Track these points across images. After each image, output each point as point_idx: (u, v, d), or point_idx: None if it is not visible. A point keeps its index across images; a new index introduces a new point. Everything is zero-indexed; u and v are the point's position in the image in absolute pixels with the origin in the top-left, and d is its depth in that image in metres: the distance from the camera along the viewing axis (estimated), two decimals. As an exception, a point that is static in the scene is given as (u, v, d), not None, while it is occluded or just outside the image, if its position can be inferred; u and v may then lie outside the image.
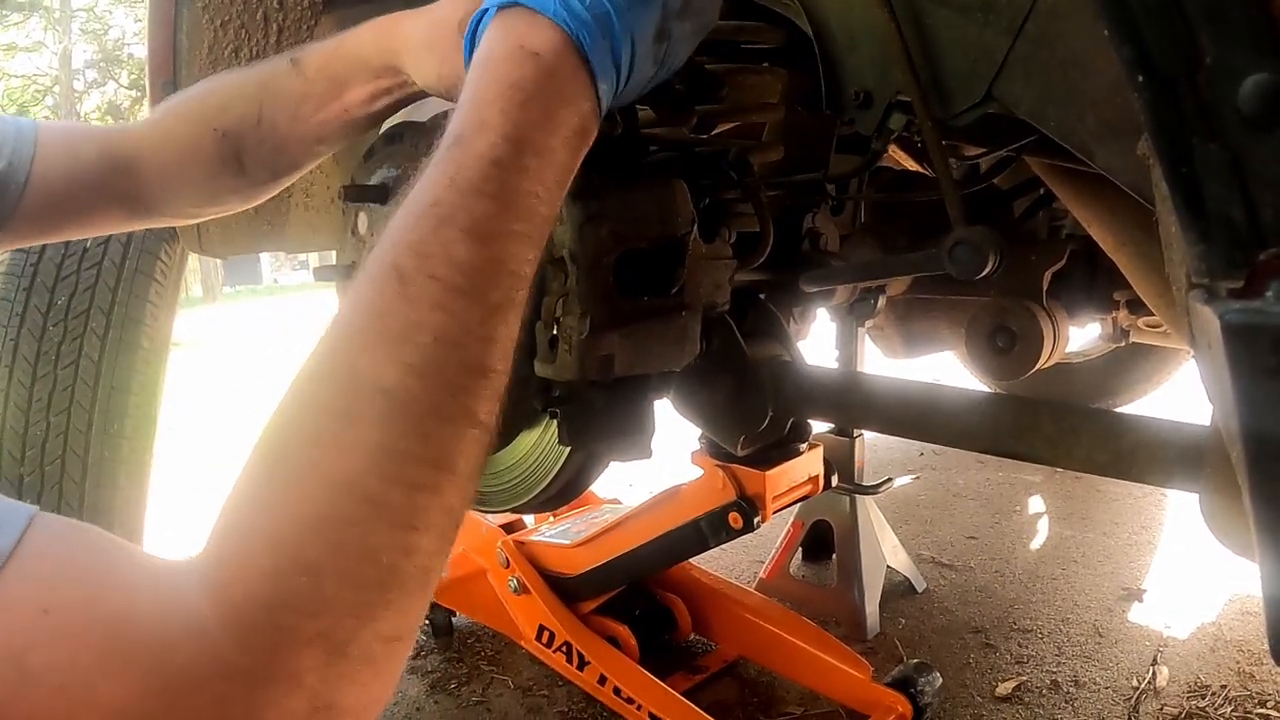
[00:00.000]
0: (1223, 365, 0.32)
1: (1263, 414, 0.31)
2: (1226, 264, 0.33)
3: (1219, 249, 0.33)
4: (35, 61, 17.78)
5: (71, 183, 0.78)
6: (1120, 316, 1.73)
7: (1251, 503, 0.34)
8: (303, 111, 0.76)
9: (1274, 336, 0.30)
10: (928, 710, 1.51)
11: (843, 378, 1.08)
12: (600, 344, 0.70)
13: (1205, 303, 0.33)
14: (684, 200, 0.77)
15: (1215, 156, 0.32)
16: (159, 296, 2.01)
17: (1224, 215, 0.33)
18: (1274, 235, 0.32)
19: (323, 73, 0.75)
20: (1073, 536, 2.36)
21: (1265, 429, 0.31)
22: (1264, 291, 0.31)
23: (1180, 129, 0.33)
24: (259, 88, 0.78)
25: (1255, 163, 0.32)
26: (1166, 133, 0.33)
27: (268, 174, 0.83)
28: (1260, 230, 0.32)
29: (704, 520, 1.33)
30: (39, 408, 1.84)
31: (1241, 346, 0.31)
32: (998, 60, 0.82)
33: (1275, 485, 0.32)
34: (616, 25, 0.53)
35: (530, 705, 1.67)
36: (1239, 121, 0.32)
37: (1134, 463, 0.92)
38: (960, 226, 0.89)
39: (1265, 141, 0.32)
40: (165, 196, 0.82)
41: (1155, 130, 0.33)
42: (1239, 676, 1.68)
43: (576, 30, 0.51)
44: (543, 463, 0.90)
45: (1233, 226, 0.32)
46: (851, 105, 0.93)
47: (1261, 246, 0.32)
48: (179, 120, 0.82)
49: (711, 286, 0.82)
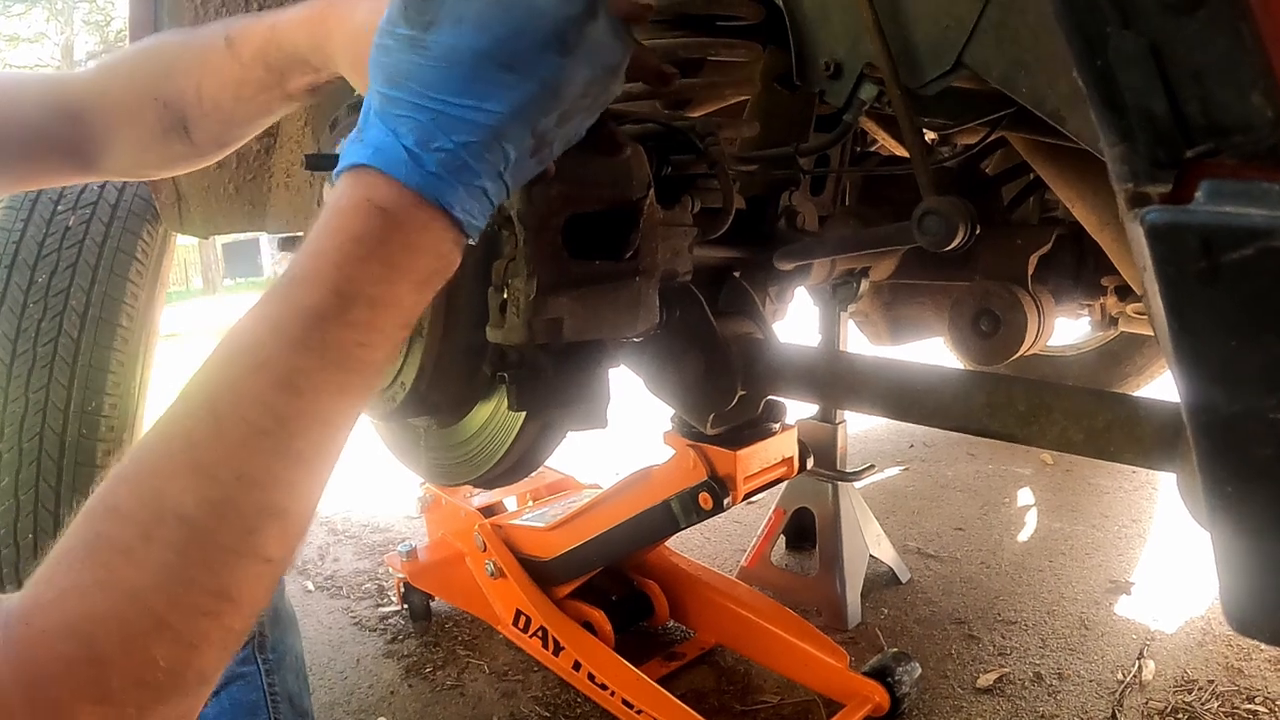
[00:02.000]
0: (1155, 283, 0.29)
1: (1194, 323, 0.29)
2: (1152, 164, 0.30)
3: (1142, 148, 0.30)
4: (38, 52, 17.78)
5: (10, 126, 0.76)
6: (1109, 303, 1.70)
7: (1192, 430, 0.31)
8: (244, 92, 0.75)
9: (1202, 237, 0.27)
10: (905, 700, 1.49)
11: (814, 355, 1.06)
12: (549, 307, 0.68)
13: (1134, 215, 0.30)
14: (639, 164, 0.75)
15: (1131, 44, 0.29)
16: (140, 276, 2.00)
17: (1145, 110, 0.30)
18: (1202, 131, 0.29)
19: (259, 60, 0.73)
20: (1061, 529, 2.34)
21: (1198, 341, 0.29)
22: (1194, 194, 0.29)
23: (1092, 15, 0.30)
24: (198, 63, 0.76)
25: (1176, 50, 0.29)
26: (1077, 19, 0.30)
27: (215, 144, 0.83)
28: (1185, 125, 0.30)
29: (675, 501, 1.31)
30: (18, 384, 1.82)
31: (1167, 250, 0.28)
32: (968, 26, 0.80)
33: (1212, 407, 0.30)
34: (477, 167, 0.51)
35: (505, 690, 1.65)
36: (1157, 5, 0.29)
37: (1109, 441, 0.90)
38: (930, 196, 0.87)
39: (1186, 26, 0.29)
40: (111, 153, 0.81)
41: (1065, 17, 0.30)
42: (1227, 671, 1.66)
43: (430, 189, 0.50)
44: (498, 433, 0.88)
45: (1155, 123, 0.30)
46: (822, 76, 0.92)
47: (1189, 144, 0.29)
48: (120, 83, 0.80)
49: (669, 253, 0.80)
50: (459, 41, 0.50)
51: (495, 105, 0.51)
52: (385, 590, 2.08)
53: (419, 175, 0.49)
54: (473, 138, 0.50)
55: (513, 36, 0.51)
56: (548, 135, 0.54)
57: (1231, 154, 0.29)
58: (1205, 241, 0.27)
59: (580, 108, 0.56)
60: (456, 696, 1.64)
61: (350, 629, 1.92)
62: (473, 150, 0.50)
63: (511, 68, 0.51)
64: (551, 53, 0.52)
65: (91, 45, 17.42)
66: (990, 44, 0.79)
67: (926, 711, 1.54)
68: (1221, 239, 0.27)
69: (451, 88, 0.50)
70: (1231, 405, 0.31)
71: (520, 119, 0.52)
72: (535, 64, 0.51)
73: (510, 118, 0.51)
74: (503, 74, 0.51)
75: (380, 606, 2.02)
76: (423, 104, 0.50)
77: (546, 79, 0.52)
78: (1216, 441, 0.33)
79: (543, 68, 0.52)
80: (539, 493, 2.00)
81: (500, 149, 0.51)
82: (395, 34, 0.52)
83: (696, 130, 0.89)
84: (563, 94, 0.53)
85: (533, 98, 0.52)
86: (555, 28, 0.52)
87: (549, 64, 0.52)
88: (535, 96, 0.52)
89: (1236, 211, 0.27)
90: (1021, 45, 0.77)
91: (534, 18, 0.51)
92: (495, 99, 0.51)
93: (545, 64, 0.52)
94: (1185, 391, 0.32)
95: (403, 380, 0.83)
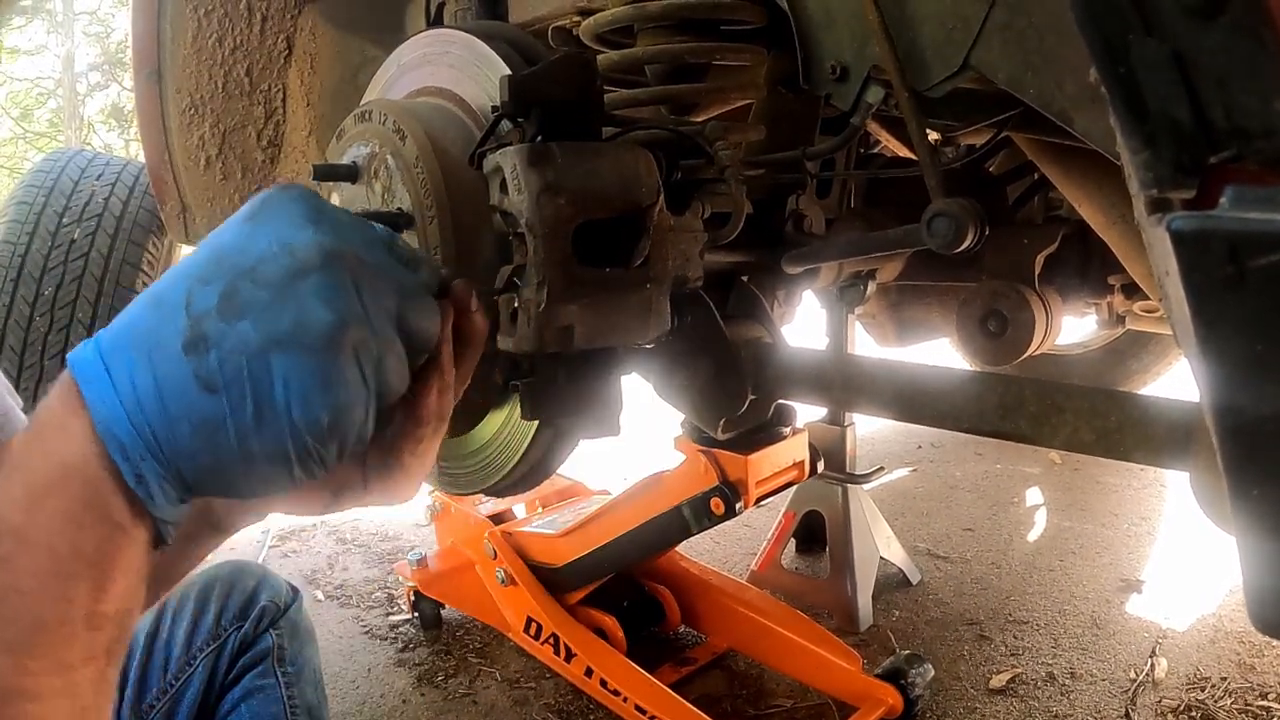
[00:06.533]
0: (1180, 289, 0.29)
1: (1220, 327, 0.28)
2: (1175, 170, 0.30)
3: (1165, 154, 0.30)
4: (38, 65, 17.83)
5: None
6: (1115, 301, 1.70)
7: (1216, 434, 0.31)
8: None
9: (1229, 243, 0.27)
10: (919, 702, 1.49)
11: (824, 358, 1.05)
12: (560, 315, 0.68)
13: (1157, 220, 0.30)
14: (649, 170, 0.75)
15: (1154, 51, 0.29)
16: (145, 288, 2.01)
17: (1168, 116, 0.30)
18: (1225, 137, 0.29)
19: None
20: (1071, 528, 2.34)
21: (1224, 345, 0.29)
22: (1218, 200, 0.29)
23: (1114, 22, 0.30)
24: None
25: (1199, 56, 0.29)
26: (1099, 27, 0.30)
27: None
28: (1210, 131, 0.29)
29: (686, 506, 1.31)
30: (25, 399, 1.82)
31: (1193, 255, 0.28)
32: (975, 28, 0.80)
33: (1239, 410, 0.29)
34: (122, 342, 0.43)
35: (517, 697, 1.65)
36: (1179, 10, 0.29)
37: (1121, 441, 0.90)
38: (938, 199, 0.87)
39: (1209, 31, 0.29)
40: None
41: (1087, 24, 0.30)
42: (1239, 668, 1.65)
43: (71, 360, 0.43)
44: (510, 442, 0.88)
45: (1179, 129, 0.30)
46: (828, 79, 0.92)
47: (1212, 150, 0.29)
48: None
49: (680, 259, 0.79)
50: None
51: (165, 278, 0.45)
52: (395, 599, 2.08)
53: (75, 354, 0.43)
54: (132, 309, 0.44)
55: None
56: (203, 324, 0.43)
57: (1255, 159, 0.29)
58: (1232, 247, 0.27)
59: (252, 300, 0.44)
60: (469, 704, 1.64)
61: (361, 638, 1.92)
62: (126, 321, 0.44)
63: (207, 241, 0.46)
64: (236, 220, 0.47)
65: (92, 57, 17.46)
66: (997, 45, 0.79)
67: (940, 713, 1.54)
68: (1248, 244, 0.27)
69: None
70: (1259, 409, 0.31)
71: (173, 281, 0.45)
72: (219, 232, 0.47)
73: (163, 282, 0.45)
74: (201, 247, 0.46)
75: (390, 615, 2.02)
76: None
77: (216, 242, 0.46)
78: (1243, 445, 0.33)
79: (223, 233, 0.46)
80: (549, 499, 2.00)
81: (149, 319, 0.44)
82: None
83: (705, 135, 0.89)
84: (226, 259, 0.45)
85: (195, 259, 0.46)
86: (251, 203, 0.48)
87: (228, 228, 0.47)
88: (198, 258, 0.46)
89: (1263, 217, 0.27)
90: (1028, 46, 0.77)
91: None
92: (171, 273, 0.46)
93: (226, 229, 0.47)
94: (1210, 395, 0.32)
95: (414, 390, 0.83)
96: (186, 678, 0.89)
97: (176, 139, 1.63)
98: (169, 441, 0.42)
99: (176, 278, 0.44)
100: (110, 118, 17.77)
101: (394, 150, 0.80)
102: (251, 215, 0.46)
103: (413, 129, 0.79)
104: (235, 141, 1.67)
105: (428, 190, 0.77)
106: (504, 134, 0.72)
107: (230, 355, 0.42)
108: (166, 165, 1.65)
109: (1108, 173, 1.12)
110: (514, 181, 0.67)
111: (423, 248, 0.78)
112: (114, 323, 0.44)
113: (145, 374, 0.42)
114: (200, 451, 0.43)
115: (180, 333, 0.42)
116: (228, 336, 0.42)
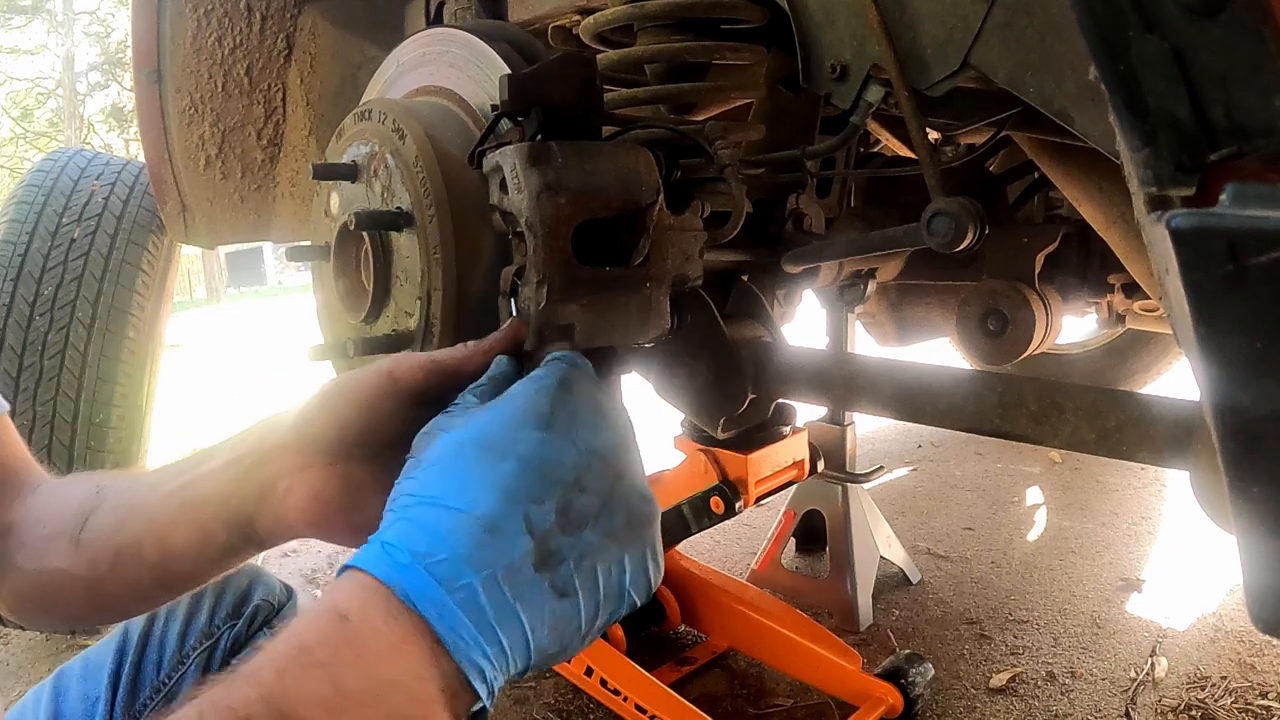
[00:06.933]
0: (1179, 287, 0.29)
1: (1220, 325, 0.28)
2: (1175, 169, 0.30)
3: (1166, 152, 0.30)
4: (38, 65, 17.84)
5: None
6: (1115, 300, 1.70)
7: (1217, 432, 0.31)
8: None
9: (1229, 241, 0.27)
10: (919, 701, 1.49)
11: (825, 357, 1.05)
12: (559, 314, 0.68)
13: (1156, 218, 0.30)
14: (648, 170, 0.75)
15: (1154, 49, 0.29)
16: (146, 288, 2.00)
17: (1168, 114, 0.30)
18: (1225, 135, 0.29)
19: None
20: (1071, 527, 2.34)
21: (1224, 343, 0.29)
22: (1218, 198, 0.29)
23: (1114, 20, 0.30)
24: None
25: (1199, 54, 0.29)
26: (1099, 25, 0.30)
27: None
28: (1210, 130, 0.29)
29: (686, 505, 1.31)
30: (25, 398, 1.83)
31: (1192, 253, 0.28)
32: (975, 27, 0.80)
33: (1239, 409, 0.29)
34: (463, 568, 0.44)
35: (517, 696, 1.65)
36: (1178, 9, 0.29)
37: (1122, 440, 0.90)
38: (938, 198, 0.87)
39: (1208, 30, 0.29)
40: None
41: (1087, 23, 0.30)
42: (1239, 667, 1.65)
43: (402, 586, 0.43)
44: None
45: (1179, 126, 0.30)
46: (828, 79, 0.92)
47: (1212, 148, 0.29)
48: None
49: (680, 258, 0.79)
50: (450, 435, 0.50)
51: (475, 490, 0.47)
52: (395, 598, 2.07)
53: (388, 565, 0.44)
54: (455, 527, 0.45)
55: (491, 420, 0.50)
56: (550, 541, 0.47)
57: (1255, 157, 0.29)
58: (1231, 245, 0.27)
59: (587, 509, 0.49)
60: (469, 704, 1.64)
61: (361, 637, 1.92)
62: (457, 543, 0.45)
63: (489, 447, 0.48)
64: (529, 428, 0.49)
65: (92, 57, 17.46)
66: (996, 44, 0.79)
67: (940, 713, 1.54)
68: (1248, 242, 0.27)
69: (433, 480, 0.48)
70: (1259, 407, 0.31)
71: (506, 505, 0.46)
72: (512, 441, 0.49)
73: (493, 504, 0.46)
74: (480, 453, 0.48)
75: (390, 614, 2.01)
76: (410, 502, 0.47)
77: (524, 455, 0.48)
78: (1243, 443, 0.33)
79: (520, 444, 0.49)
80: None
81: (491, 544, 0.45)
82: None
83: (705, 134, 0.89)
84: (549, 475, 0.48)
85: (514, 475, 0.47)
86: (527, 403, 0.51)
87: (526, 439, 0.49)
88: (515, 473, 0.47)
89: (1262, 215, 0.27)
90: (1028, 45, 0.77)
91: (507, 400, 0.52)
92: (475, 483, 0.47)
93: (522, 440, 0.49)
94: (1210, 394, 0.32)
95: (415, 390, 0.83)
96: (179, 676, 0.89)
97: (176, 138, 1.63)
98: (524, 648, 0.46)
99: (505, 499, 0.47)
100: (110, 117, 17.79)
101: (394, 149, 0.80)
102: (547, 424, 0.50)
103: (412, 128, 0.79)
104: (235, 141, 1.67)
105: (427, 189, 0.77)
106: (504, 133, 0.72)
107: (582, 561, 0.48)
108: (166, 165, 1.65)
109: (1108, 171, 1.12)
110: (514, 181, 0.67)
111: (423, 248, 0.78)
112: (429, 544, 0.45)
113: (503, 599, 0.45)
114: (551, 645, 0.47)
115: (529, 553, 0.46)
116: (574, 547, 0.47)
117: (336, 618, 0.43)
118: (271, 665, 0.41)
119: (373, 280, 0.83)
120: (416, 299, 0.79)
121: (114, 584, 0.66)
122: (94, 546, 0.66)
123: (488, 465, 0.48)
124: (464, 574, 0.44)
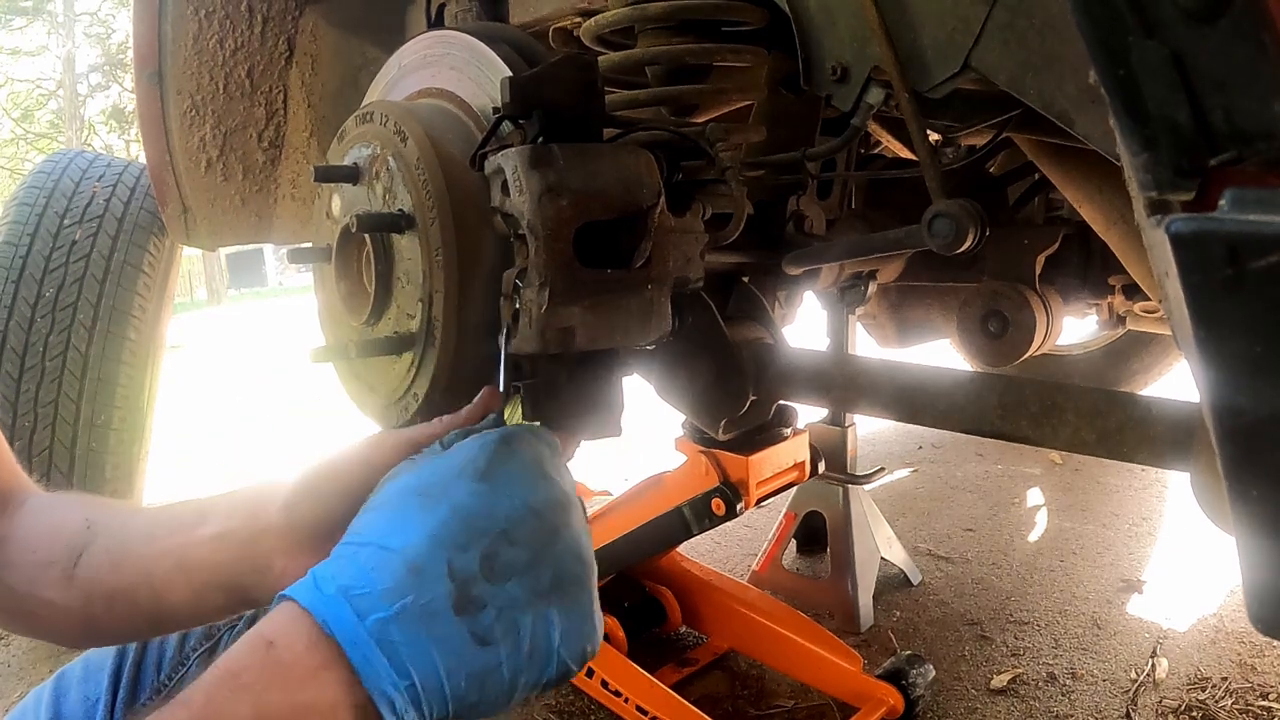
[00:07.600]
0: (1179, 290, 0.29)
1: (1219, 329, 0.29)
2: (1175, 173, 0.30)
3: (1166, 156, 0.30)
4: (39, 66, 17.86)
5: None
6: (1116, 302, 1.70)
7: (1216, 435, 0.31)
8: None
9: (1227, 244, 0.27)
10: (920, 702, 1.49)
11: (825, 359, 1.06)
12: (561, 316, 0.68)
13: (1156, 222, 0.30)
14: (650, 172, 0.75)
15: (1154, 54, 0.29)
16: (147, 289, 2.01)
17: (1168, 119, 0.30)
18: (1225, 140, 0.29)
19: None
20: (1071, 528, 2.34)
21: (1224, 347, 0.29)
22: (1217, 202, 0.29)
23: (1114, 24, 0.30)
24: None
25: (1199, 59, 0.29)
26: (1099, 30, 0.30)
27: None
28: (1210, 134, 0.29)
29: (687, 507, 1.31)
30: (27, 399, 1.83)
31: (1192, 257, 0.28)
32: (975, 29, 0.80)
33: (1238, 412, 0.30)
34: (380, 602, 0.46)
35: (518, 698, 1.65)
36: (1178, 13, 0.29)
37: (1122, 441, 0.90)
38: (939, 199, 0.87)
39: (1208, 35, 0.29)
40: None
41: (1087, 28, 0.30)
42: (1240, 668, 1.65)
43: (324, 616, 0.45)
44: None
45: (1178, 131, 0.30)
46: (829, 80, 0.92)
47: (1212, 153, 0.29)
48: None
49: (681, 260, 0.79)
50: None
51: (408, 533, 0.49)
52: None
53: (314, 596, 0.46)
54: (380, 565, 0.47)
55: (435, 469, 0.52)
56: (471, 587, 0.48)
57: (1255, 162, 0.29)
58: (1231, 249, 0.28)
59: (513, 561, 0.50)
60: (470, 705, 1.64)
61: (362, 638, 1.92)
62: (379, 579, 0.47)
63: (426, 494, 0.51)
64: (465, 478, 0.51)
65: (93, 58, 17.48)
66: (997, 46, 0.79)
67: (941, 714, 1.54)
68: (1247, 246, 0.28)
69: (374, 522, 0.50)
70: (1258, 410, 0.31)
71: (431, 548, 0.48)
72: (448, 489, 0.51)
73: (420, 546, 0.48)
74: (419, 499, 0.50)
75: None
76: (350, 540, 0.50)
77: (457, 503, 0.50)
78: (1242, 446, 0.33)
79: (455, 493, 0.51)
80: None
81: (411, 583, 0.47)
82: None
83: (706, 136, 0.89)
84: (476, 525, 0.50)
85: (443, 521, 0.49)
86: (469, 454, 0.53)
87: (461, 489, 0.51)
88: (445, 520, 0.49)
89: (1262, 219, 0.27)
90: (1029, 47, 0.77)
91: (454, 451, 0.54)
92: (409, 526, 0.49)
93: (456, 489, 0.51)
94: (1210, 396, 0.32)
95: (415, 391, 0.83)
96: (180, 677, 0.89)
97: (178, 140, 1.63)
98: (439, 690, 0.46)
99: (432, 542, 0.49)
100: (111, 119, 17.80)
101: (395, 152, 0.80)
102: (484, 475, 0.52)
103: (414, 130, 0.79)
104: (236, 143, 1.67)
105: (429, 192, 0.77)
106: (505, 135, 0.72)
107: (504, 613, 0.48)
108: (168, 166, 1.65)
109: (1108, 174, 1.12)
110: (515, 183, 0.67)
111: (424, 250, 0.78)
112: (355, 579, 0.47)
113: (417, 635, 0.46)
114: (470, 693, 0.47)
115: (448, 596, 0.47)
116: (497, 597, 0.48)
117: (263, 644, 0.45)
118: (202, 691, 0.43)
119: (374, 282, 0.83)
120: (418, 301, 0.80)
121: (108, 622, 0.68)
122: (88, 586, 0.67)
123: (425, 511, 0.50)
124: (380, 608, 0.46)
